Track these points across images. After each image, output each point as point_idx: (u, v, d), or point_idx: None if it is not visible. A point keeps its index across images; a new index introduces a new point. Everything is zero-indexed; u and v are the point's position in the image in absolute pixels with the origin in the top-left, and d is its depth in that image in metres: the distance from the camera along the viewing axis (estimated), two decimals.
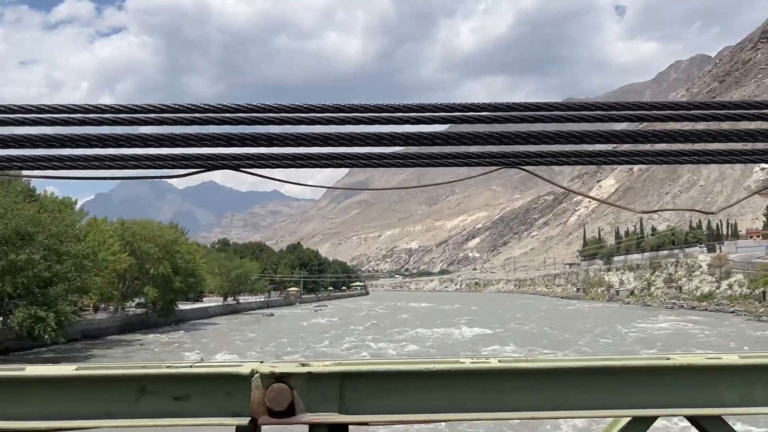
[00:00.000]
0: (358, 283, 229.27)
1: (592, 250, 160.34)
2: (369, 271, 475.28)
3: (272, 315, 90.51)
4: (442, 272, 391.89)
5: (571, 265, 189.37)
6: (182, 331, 61.58)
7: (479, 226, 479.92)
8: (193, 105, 1.86)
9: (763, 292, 77.22)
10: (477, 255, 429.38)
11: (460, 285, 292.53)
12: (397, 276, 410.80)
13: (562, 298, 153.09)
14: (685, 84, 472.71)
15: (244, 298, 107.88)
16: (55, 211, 41.65)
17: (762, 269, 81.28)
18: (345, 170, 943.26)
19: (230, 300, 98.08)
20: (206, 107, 1.85)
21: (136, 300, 66.73)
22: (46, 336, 35.35)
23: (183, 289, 65.97)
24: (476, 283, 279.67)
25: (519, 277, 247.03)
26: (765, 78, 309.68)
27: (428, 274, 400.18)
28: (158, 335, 57.99)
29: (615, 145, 2.11)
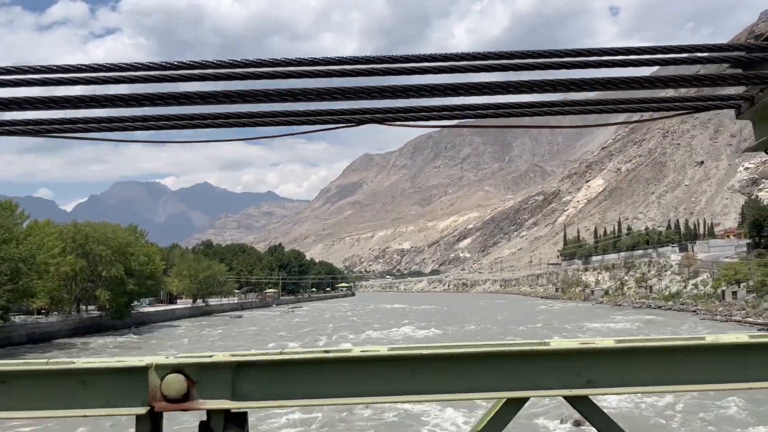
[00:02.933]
0: (343, 285, 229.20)
1: (572, 250, 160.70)
2: (361, 272, 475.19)
3: (240, 317, 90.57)
4: (434, 272, 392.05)
5: (553, 265, 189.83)
6: (136, 335, 61.68)
7: (471, 226, 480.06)
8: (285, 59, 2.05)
9: (723, 292, 77.56)
10: (468, 255, 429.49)
11: (448, 285, 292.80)
12: (387, 277, 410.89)
13: (542, 297, 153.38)
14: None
15: (216, 300, 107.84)
16: None
17: (723, 269, 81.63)
18: (339, 171, 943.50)
19: (200, 302, 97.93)
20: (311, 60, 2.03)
21: (95, 303, 66.66)
22: None
23: (138, 291, 65.93)
24: (464, 284, 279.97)
25: (505, 277, 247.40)
26: None
27: (419, 274, 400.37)
28: (111, 338, 58.00)
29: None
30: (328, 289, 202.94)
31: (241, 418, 1.87)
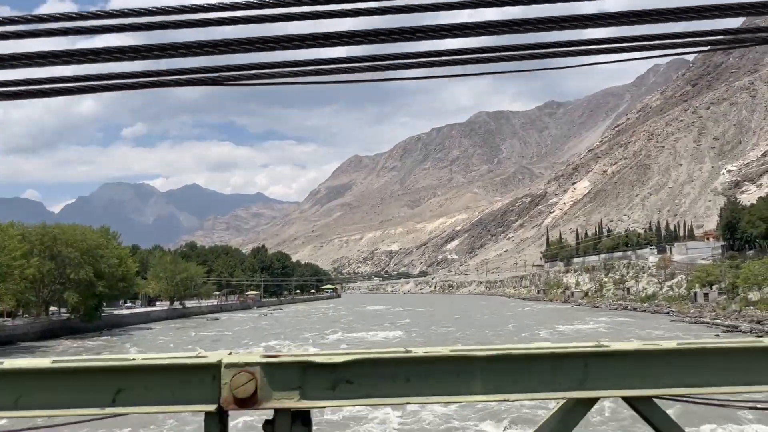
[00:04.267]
0: (329, 286, 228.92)
1: (554, 251, 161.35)
2: (350, 274, 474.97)
3: (217, 319, 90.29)
4: (422, 274, 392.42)
5: (537, 267, 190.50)
6: (107, 336, 61.32)
7: (459, 228, 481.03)
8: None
9: (695, 293, 78.12)
10: (456, 257, 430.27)
11: (435, 287, 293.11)
12: (375, 278, 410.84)
13: (524, 299, 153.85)
14: (661, 87, 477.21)
15: (195, 302, 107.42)
16: None
17: (696, 271, 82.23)
18: (329, 173, 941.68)
19: (177, 304, 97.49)
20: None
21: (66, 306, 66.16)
22: None
23: (109, 293, 65.56)
24: (450, 285, 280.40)
25: (490, 279, 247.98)
26: (734, 81, 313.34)
27: (407, 276, 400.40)
28: (81, 341, 57.59)
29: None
30: (313, 291, 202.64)
31: (306, 418, 1.87)
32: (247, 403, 1.79)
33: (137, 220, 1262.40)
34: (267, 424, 1.87)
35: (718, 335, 51.89)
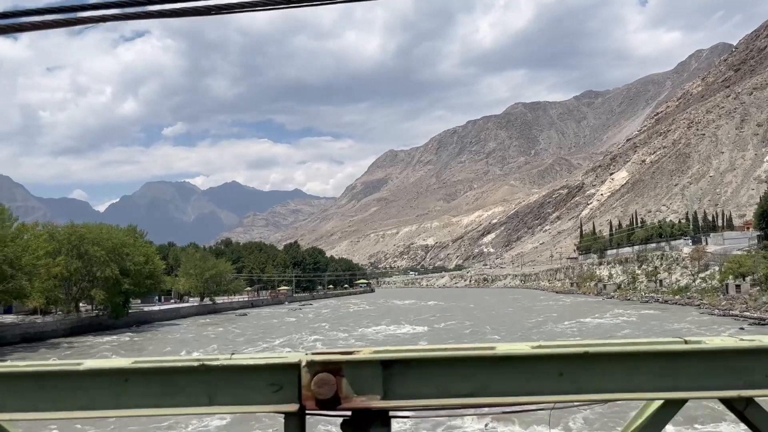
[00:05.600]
0: (362, 281, 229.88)
1: (587, 243, 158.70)
2: (386, 268, 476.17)
3: (245, 315, 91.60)
4: (458, 268, 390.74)
5: (571, 259, 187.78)
6: (133, 333, 62.90)
7: (495, 221, 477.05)
8: None
9: (726, 285, 75.97)
10: (492, 250, 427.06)
11: (470, 281, 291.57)
12: (411, 273, 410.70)
13: (557, 292, 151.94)
14: (702, 73, 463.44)
15: (226, 298, 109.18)
16: None
17: (729, 262, 79.91)
18: (364, 168, 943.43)
19: (207, 300, 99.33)
20: None
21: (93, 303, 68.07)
22: None
23: (136, 290, 67.21)
24: (484, 279, 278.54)
25: (525, 272, 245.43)
26: None
27: (442, 270, 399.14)
28: (108, 337, 59.24)
29: None
30: (346, 286, 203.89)
31: (386, 418, 1.80)
32: (329, 403, 1.74)
33: (179, 218, 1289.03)
34: (345, 424, 1.80)
35: (742, 328, 50.44)
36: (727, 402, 1.83)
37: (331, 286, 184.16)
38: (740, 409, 1.82)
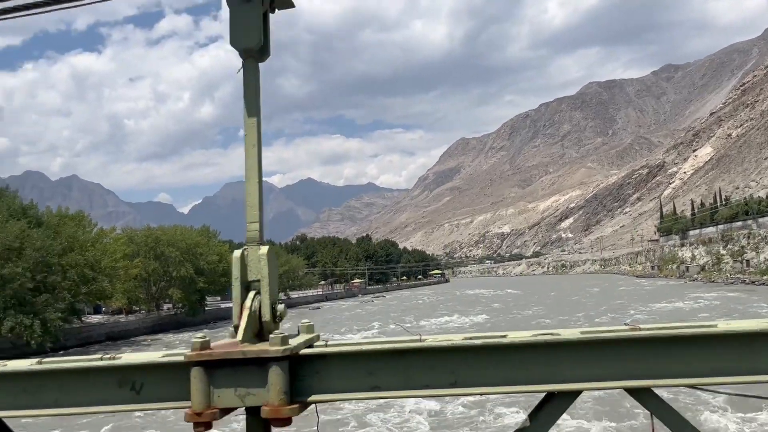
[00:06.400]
0: (436, 272, 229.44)
1: (668, 224, 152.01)
2: (461, 258, 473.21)
3: (318, 308, 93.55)
4: (535, 255, 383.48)
5: (652, 241, 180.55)
6: (208, 329, 65.57)
7: (573, 205, 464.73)
8: None
9: None
10: (570, 236, 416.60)
11: (547, 268, 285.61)
12: (487, 261, 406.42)
13: (637, 277, 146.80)
14: None
15: (301, 293, 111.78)
16: (54, 226, 45.96)
17: None
18: (436, 158, 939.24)
19: (281, 295, 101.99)
20: None
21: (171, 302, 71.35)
22: (32, 342, 39.23)
23: (210, 288, 69.88)
24: (562, 265, 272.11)
25: (605, 256, 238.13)
26: None
27: (520, 257, 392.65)
28: (184, 333, 62.08)
29: None
30: (420, 277, 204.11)
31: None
32: None
33: None
34: None
35: None
36: (630, 390, 1.86)
37: (404, 277, 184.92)
38: (640, 397, 1.87)
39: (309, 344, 2.40)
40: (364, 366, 2.08)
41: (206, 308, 71.15)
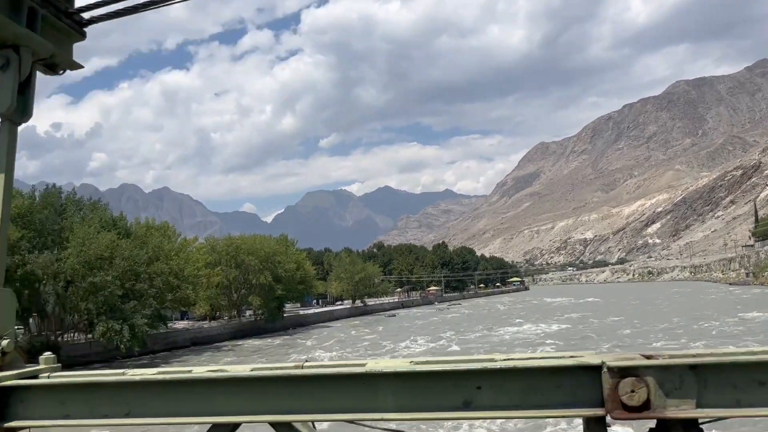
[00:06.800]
0: (515, 279, 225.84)
1: (764, 228, 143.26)
2: (542, 265, 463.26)
3: (394, 315, 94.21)
4: (620, 261, 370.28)
5: (747, 247, 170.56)
6: (287, 336, 67.42)
7: (660, 209, 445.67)
8: None
9: None
10: (657, 241, 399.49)
11: (633, 275, 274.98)
12: (569, 269, 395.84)
13: (730, 284, 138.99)
14: None
15: (377, 300, 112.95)
16: (141, 236, 48.82)
17: None
18: (515, 163, 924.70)
19: (358, 303, 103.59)
20: None
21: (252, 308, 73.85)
22: (122, 346, 41.75)
23: (288, 295, 71.89)
24: (649, 272, 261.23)
25: (695, 263, 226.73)
26: None
27: (603, 264, 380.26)
28: (264, 339, 64.15)
29: None
30: (498, 284, 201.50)
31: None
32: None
33: (338, 225, 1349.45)
34: None
35: None
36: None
37: (482, 285, 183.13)
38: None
39: (33, 375, 2.56)
40: (58, 396, 2.35)
41: (285, 315, 73.24)
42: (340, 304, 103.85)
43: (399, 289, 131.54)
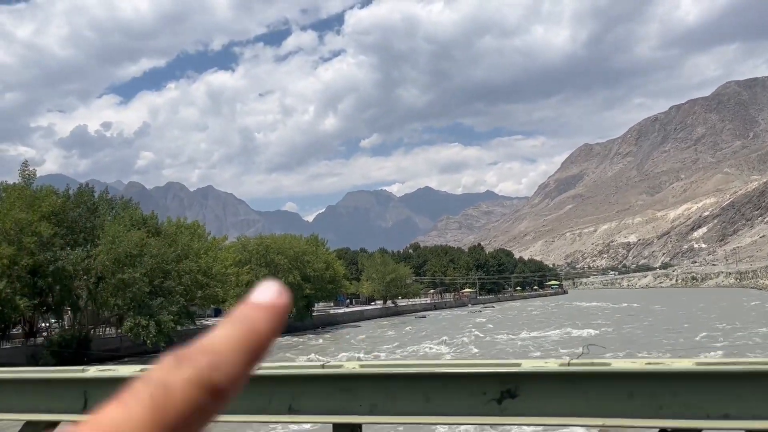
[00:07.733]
0: (553, 283, 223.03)
1: None
2: (583, 269, 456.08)
3: (424, 317, 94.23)
4: (664, 266, 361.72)
5: None
6: (313, 334, 68.27)
7: (707, 213, 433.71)
8: None
9: None
10: (704, 246, 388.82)
11: (676, 280, 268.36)
12: (610, 273, 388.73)
13: None
14: None
15: (409, 301, 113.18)
16: (171, 235, 50.22)
17: None
18: (558, 165, 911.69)
19: (389, 303, 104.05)
20: None
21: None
22: (148, 341, 43.07)
23: (316, 295, 72.79)
24: (693, 278, 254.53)
25: (741, 269, 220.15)
26: None
27: (647, 269, 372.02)
28: (292, 338, 65.09)
29: None
30: (535, 287, 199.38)
31: None
32: None
33: (378, 225, 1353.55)
34: None
35: None
36: None
37: (519, 288, 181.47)
38: None
39: None
40: None
41: (314, 314, 74.14)
42: (373, 304, 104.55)
43: (432, 291, 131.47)
